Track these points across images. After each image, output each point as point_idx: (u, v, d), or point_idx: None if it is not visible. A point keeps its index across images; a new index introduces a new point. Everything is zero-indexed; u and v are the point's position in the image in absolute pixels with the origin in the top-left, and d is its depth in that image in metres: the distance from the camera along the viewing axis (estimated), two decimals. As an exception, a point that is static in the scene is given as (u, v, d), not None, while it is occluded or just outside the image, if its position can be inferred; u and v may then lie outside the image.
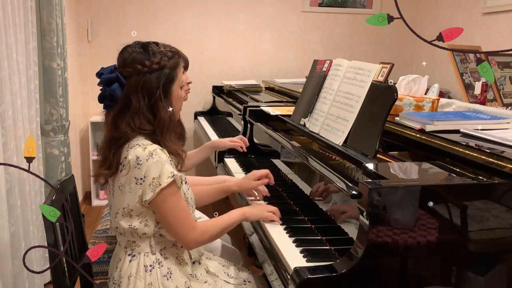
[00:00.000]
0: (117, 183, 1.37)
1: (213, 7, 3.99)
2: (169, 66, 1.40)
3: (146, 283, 1.39)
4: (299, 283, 1.12)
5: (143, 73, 1.36)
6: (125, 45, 1.43)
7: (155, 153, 1.32)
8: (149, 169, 1.30)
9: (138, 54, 1.38)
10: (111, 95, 1.38)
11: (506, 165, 1.15)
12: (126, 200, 1.36)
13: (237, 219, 1.51)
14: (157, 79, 1.38)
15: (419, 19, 4.21)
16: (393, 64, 1.55)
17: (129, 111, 1.37)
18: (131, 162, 1.32)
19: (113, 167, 1.36)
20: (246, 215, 1.53)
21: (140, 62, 1.36)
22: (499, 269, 1.21)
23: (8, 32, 1.99)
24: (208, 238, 1.45)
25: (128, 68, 1.37)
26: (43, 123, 2.50)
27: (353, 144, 1.50)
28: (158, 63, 1.38)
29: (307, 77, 2.05)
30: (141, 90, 1.36)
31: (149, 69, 1.37)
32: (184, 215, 1.37)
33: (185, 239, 1.38)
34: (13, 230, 2.01)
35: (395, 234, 1.11)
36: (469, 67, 2.52)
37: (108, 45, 3.86)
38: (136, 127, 1.36)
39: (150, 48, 1.40)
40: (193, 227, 1.39)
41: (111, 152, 1.36)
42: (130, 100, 1.36)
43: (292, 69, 4.20)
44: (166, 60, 1.39)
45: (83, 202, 3.89)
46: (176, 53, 1.44)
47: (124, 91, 1.37)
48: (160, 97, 1.38)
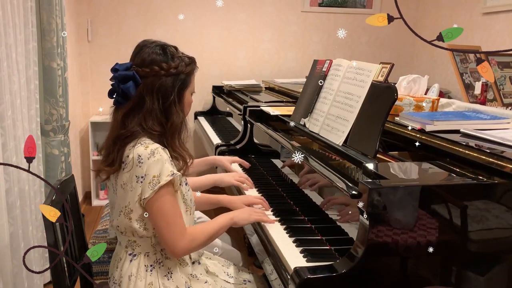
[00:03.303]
0: (120, 181, 1.37)
1: (213, 7, 3.99)
2: (186, 72, 1.41)
3: (147, 283, 1.39)
4: (299, 283, 1.12)
5: (160, 76, 1.37)
6: (143, 41, 1.42)
7: (157, 151, 1.32)
8: (150, 168, 1.30)
9: (157, 56, 1.38)
10: (123, 92, 1.37)
11: (506, 165, 1.15)
12: (128, 198, 1.35)
13: (226, 224, 1.49)
14: (172, 83, 1.39)
15: (419, 19, 4.21)
16: (393, 64, 1.55)
17: (141, 111, 1.37)
18: (133, 160, 1.32)
19: (115, 164, 1.36)
20: (234, 219, 1.51)
21: (158, 64, 1.37)
22: (499, 269, 1.21)
23: (8, 32, 1.99)
24: (197, 246, 1.42)
25: (146, 68, 1.37)
26: (43, 123, 2.50)
27: (353, 144, 1.50)
28: (176, 68, 1.39)
29: (307, 77, 2.05)
30: (156, 92, 1.37)
31: (167, 72, 1.37)
32: (175, 219, 1.35)
33: (172, 245, 1.34)
34: (12, 230, 2.01)
35: (395, 234, 1.11)
36: (469, 67, 2.52)
37: (108, 45, 3.86)
38: (148, 127, 1.36)
39: (169, 51, 1.40)
40: (182, 234, 1.36)
41: (116, 148, 1.36)
42: (144, 100, 1.37)
43: (292, 69, 4.20)
44: (183, 65, 1.40)
45: (83, 202, 3.89)
46: (193, 61, 1.46)
47: (139, 90, 1.37)
48: (174, 101, 1.39)
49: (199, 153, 4.00)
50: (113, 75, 1.39)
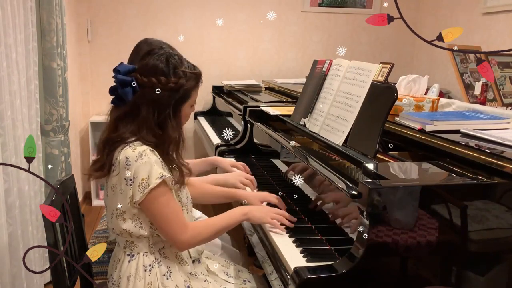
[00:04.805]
0: (110, 184, 1.37)
1: (213, 7, 3.99)
2: (186, 87, 1.38)
3: (146, 283, 1.38)
4: (299, 283, 1.12)
5: (158, 89, 1.34)
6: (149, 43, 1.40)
7: (145, 154, 1.31)
8: (138, 170, 1.30)
9: (159, 67, 1.35)
10: (121, 96, 1.36)
11: (506, 165, 1.15)
12: (118, 201, 1.35)
13: (238, 219, 1.47)
14: (169, 97, 1.35)
15: (419, 19, 4.21)
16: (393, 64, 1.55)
17: (135, 119, 1.35)
18: (121, 163, 1.31)
19: (105, 168, 1.35)
20: (248, 215, 1.47)
21: (157, 77, 1.34)
22: (499, 269, 1.21)
23: (8, 32, 1.99)
24: (203, 239, 1.41)
25: (145, 78, 1.34)
26: (43, 123, 2.50)
27: (353, 144, 1.50)
28: (176, 83, 1.35)
29: (307, 77, 2.05)
30: (152, 104, 1.34)
31: (165, 86, 1.34)
32: (174, 216, 1.35)
33: (176, 240, 1.36)
34: (11, 230, 2.01)
35: (395, 234, 1.11)
36: (469, 67, 2.52)
37: (108, 45, 3.86)
38: (141, 136, 1.35)
39: (173, 63, 1.36)
40: (184, 228, 1.36)
41: (105, 152, 1.36)
42: (139, 109, 1.35)
43: (292, 69, 4.20)
44: (184, 81, 1.37)
45: (83, 202, 3.89)
46: (198, 75, 1.42)
47: (135, 97, 1.35)
48: (169, 115, 1.36)
49: (199, 153, 4.00)
50: (114, 75, 1.38)
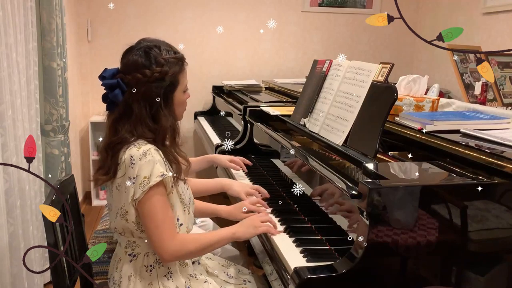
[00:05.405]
0: (115, 183, 1.37)
1: (213, 7, 3.99)
2: (171, 74, 1.36)
3: (146, 283, 1.39)
4: (299, 283, 1.12)
5: (144, 82, 1.33)
6: (129, 45, 1.39)
7: (149, 152, 1.31)
8: (141, 168, 1.30)
9: (139, 62, 1.34)
10: (112, 100, 1.37)
11: (506, 165, 1.15)
12: (122, 200, 1.35)
13: (226, 239, 1.43)
14: (157, 88, 1.34)
15: (419, 19, 4.21)
16: (393, 64, 1.55)
17: (130, 118, 1.35)
18: (126, 161, 1.31)
19: (111, 172, 1.35)
20: (237, 235, 1.42)
21: (140, 71, 1.33)
22: (499, 269, 1.21)
23: (8, 32, 1.99)
24: (187, 253, 1.37)
25: (129, 76, 1.34)
26: (43, 123, 2.50)
27: (353, 144, 1.50)
28: (160, 72, 1.34)
29: (307, 77, 2.05)
30: (142, 99, 1.34)
31: (150, 78, 1.33)
32: (166, 221, 1.32)
33: (161, 247, 1.32)
34: (12, 230, 2.01)
35: (395, 234, 1.11)
36: (469, 67, 2.52)
37: (108, 45, 3.86)
38: (138, 134, 1.35)
39: (153, 54, 1.35)
40: (172, 236, 1.33)
41: (109, 156, 1.36)
42: (131, 108, 1.35)
43: (292, 69, 4.20)
44: (167, 68, 1.35)
45: (83, 202, 3.89)
46: (180, 59, 1.39)
47: (125, 97, 1.35)
48: (161, 105, 1.35)
49: (199, 153, 4.00)
50: (102, 82, 1.37)
